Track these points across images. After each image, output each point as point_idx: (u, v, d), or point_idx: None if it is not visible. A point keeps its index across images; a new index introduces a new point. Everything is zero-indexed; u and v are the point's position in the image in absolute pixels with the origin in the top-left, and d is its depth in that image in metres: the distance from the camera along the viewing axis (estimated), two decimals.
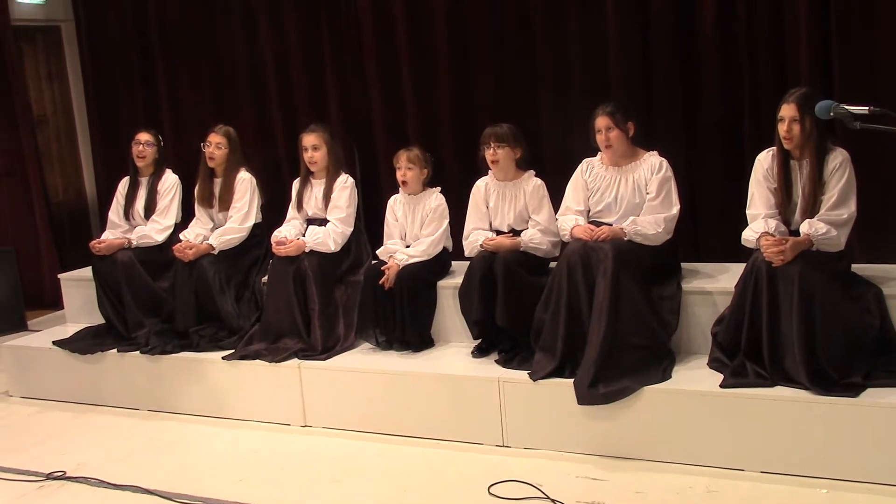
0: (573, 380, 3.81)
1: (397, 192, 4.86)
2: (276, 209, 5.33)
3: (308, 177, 5.02)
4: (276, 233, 4.95)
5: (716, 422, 3.57)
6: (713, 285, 4.12)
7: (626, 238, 4.04)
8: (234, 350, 4.74)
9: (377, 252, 4.78)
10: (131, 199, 5.42)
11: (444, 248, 4.75)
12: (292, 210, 5.06)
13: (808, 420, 3.42)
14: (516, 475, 3.66)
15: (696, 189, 4.97)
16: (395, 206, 4.84)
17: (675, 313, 4.05)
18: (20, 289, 6.62)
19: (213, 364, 4.70)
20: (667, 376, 3.81)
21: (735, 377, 3.65)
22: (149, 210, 5.37)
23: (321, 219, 4.92)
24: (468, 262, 4.44)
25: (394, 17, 5.70)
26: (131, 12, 6.85)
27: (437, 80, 5.64)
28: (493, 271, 4.24)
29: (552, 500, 3.43)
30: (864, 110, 2.89)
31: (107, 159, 7.16)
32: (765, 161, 3.90)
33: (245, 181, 5.16)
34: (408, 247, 4.69)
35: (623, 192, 4.21)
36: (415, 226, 4.75)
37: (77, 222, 7.58)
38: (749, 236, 3.80)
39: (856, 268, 3.94)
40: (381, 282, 4.49)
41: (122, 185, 5.52)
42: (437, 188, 4.79)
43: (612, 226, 4.10)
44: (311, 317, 4.68)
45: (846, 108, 2.95)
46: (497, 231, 4.52)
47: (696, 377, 3.79)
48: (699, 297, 4.10)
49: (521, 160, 4.50)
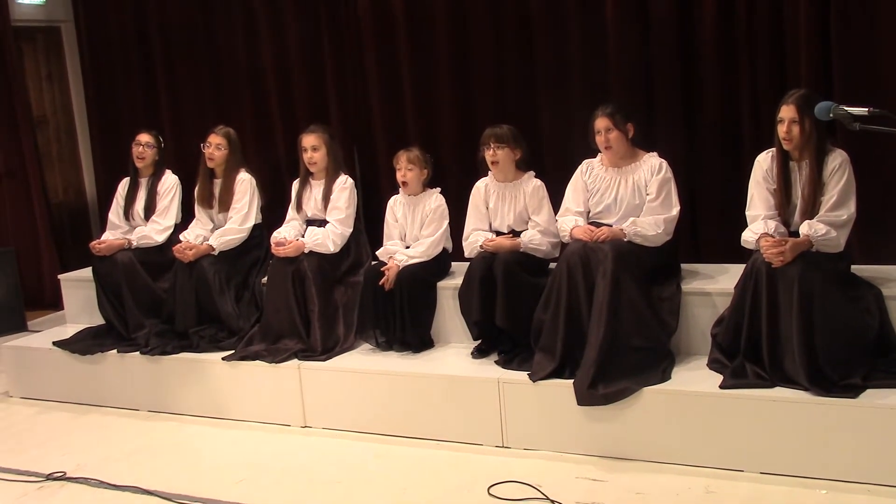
0: (573, 381, 3.81)
1: (397, 192, 4.86)
2: (275, 210, 5.33)
3: (307, 177, 5.02)
4: (276, 234, 4.94)
5: (715, 423, 3.57)
6: (713, 286, 4.13)
7: (625, 239, 4.04)
8: (233, 351, 4.74)
9: (377, 253, 4.78)
10: (131, 199, 5.43)
11: (444, 249, 4.75)
12: (292, 211, 5.06)
13: (807, 421, 3.42)
14: (516, 476, 3.66)
15: (696, 190, 4.97)
16: (395, 206, 4.84)
17: (675, 314, 4.05)
18: (20, 289, 6.62)
19: (213, 365, 4.70)
20: (666, 377, 3.81)
21: (735, 378, 3.65)
22: (148, 211, 5.37)
23: (320, 220, 4.92)
24: (468, 263, 4.44)
25: (394, 17, 5.69)
26: (131, 13, 6.84)
27: (437, 81, 5.64)
28: (493, 272, 4.24)
29: (552, 501, 3.43)
30: (863, 111, 2.89)
31: (107, 160, 7.15)
32: (764, 162, 3.90)
33: (245, 182, 5.17)
34: (407, 247, 4.69)
35: (623, 193, 4.21)
36: (414, 226, 4.75)
37: (77, 223, 7.57)
38: (749, 237, 3.80)
39: (855, 269, 3.94)
40: (381, 282, 4.49)
41: (122, 185, 5.53)
42: (437, 189, 4.79)
43: (611, 227, 4.10)
44: (310, 318, 4.67)
45: (846, 109, 2.95)
46: (497, 232, 4.52)
47: (695, 378, 3.79)
48: (699, 297, 4.10)
49: (521, 161, 4.50)
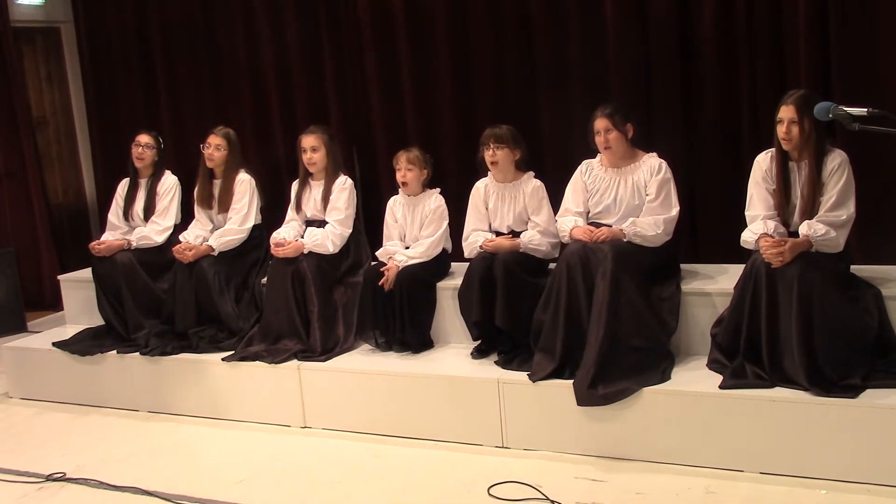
0: (572, 381, 3.81)
1: (397, 193, 4.86)
2: (275, 211, 5.33)
3: (307, 178, 5.02)
4: (275, 234, 4.94)
5: (715, 423, 3.58)
6: (712, 286, 4.13)
7: (625, 239, 4.04)
8: (233, 351, 4.74)
9: (377, 253, 4.78)
10: (131, 200, 5.43)
11: (444, 250, 4.75)
12: (291, 211, 5.06)
13: (807, 421, 3.42)
14: (516, 476, 3.66)
15: (696, 190, 4.97)
16: (395, 207, 4.84)
17: (675, 314, 4.05)
18: (20, 290, 6.61)
19: (212, 365, 4.70)
20: (666, 377, 3.81)
21: (734, 378, 3.65)
22: (148, 211, 5.37)
23: (320, 220, 4.92)
24: (468, 264, 4.44)
25: (394, 17, 5.69)
26: (131, 13, 6.83)
27: (436, 81, 5.63)
28: (493, 272, 4.24)
29: (551, 501, 3.43)
30: (862, 112, 2.89)
31: (106, 161, 7.14)
32: (763, 162, 3.90)
33: (244, 182, 5.17)
34: (407, 248, 4.69)
35: (622, 193, 4.21)
36: (414, 227, 4.75)
37: (77, 224, 7.57)
38: (748, 237, 3.80)
39: (855, 269, 3.94)
40: (381, 283, 4.49)
41: (122, 186, 5.53)
42: (437, 189, 4.79)
43: (611, 227, 4.10)
44: (310, 318, 4.67)
45: (845, 109, 2.94)
46: (496, 232, 4.52)
47: (695, 378, 3.79)
48: (698, 298, 4.10)
49: (521, 161, 4.50)
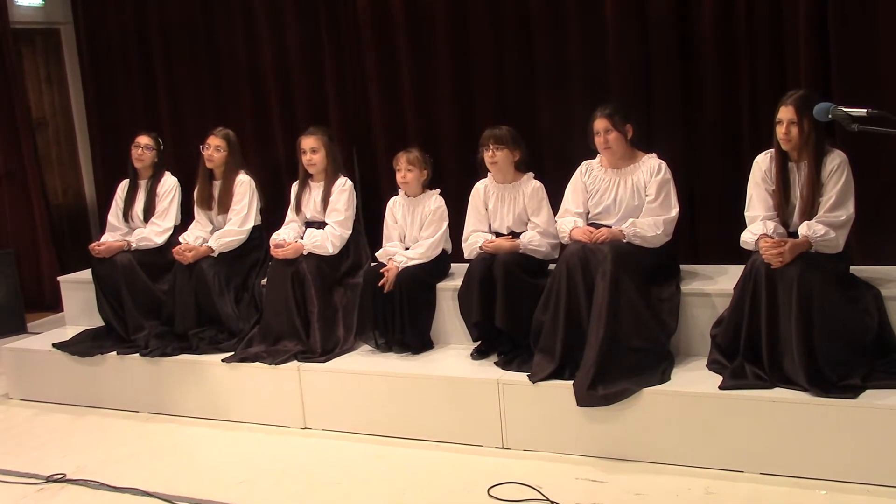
0: (572, 382, 3.81)
1: (396, 193, 4.86)
2: (275, 212, 5.33)
3: (307, 180, 5.02)
4: (275, 235, 4.94)
5: (715, 423, 3.58)
6: (712, 287, 4.13)
7: (625, 240, 4.04)
8: (233, 352, 4.74)
9: (376, 254, 4.78)
10: (130, 201, 5.43)
11: (444, 251, 4.75)
12: (291, 213, 5.06)
13: (806, 422, 3.42)
14: (516, 477, 3.66)
15: (695, 191, 4.97)
16: (395, 208, 4.84)
17: (674, 315, 4.05)
18: (20, 291, 6.61)
19: (212, 366, 4.70)
20: (666, 378, 3.81)
21: (734, 379, 3.65)
22: (148, 212, 5.37)
23: (320, 221, 4.92)
24: (467, 265, 4.44)
25: (393, 17, 5.69)
26: (131, 15, 6.84)
27: (436, 81, 5.63)
28: (493, 273, 4.24)
29: (551, 502, 3.43)
30: (862, 112, 2.89)
31: (106, 162, 7.15)
32: (763, 163, 3.90)
33: (244, 184, 5.17)
34: (407, 249, 4.69)
35: (622, 194, 4.21)
36: (414, 228, 4.75)
37: (76, 225, 7.58)
38: (748, 238, 3.80)
39: (854, 269, 3.94)
40: (381, 284, 4.50)
41: (122, 187, 5.53)
42: (437, 190, 4.79)
43: (611, 228, 4.10)
44: (310, 319, 4.67)
45: (844, 110, 2.94)
46: (496, 233, 4.52)
47: (695, 379, 3.80)
48: (698, 298, 4.10)
49: (520, 162, 4.50)
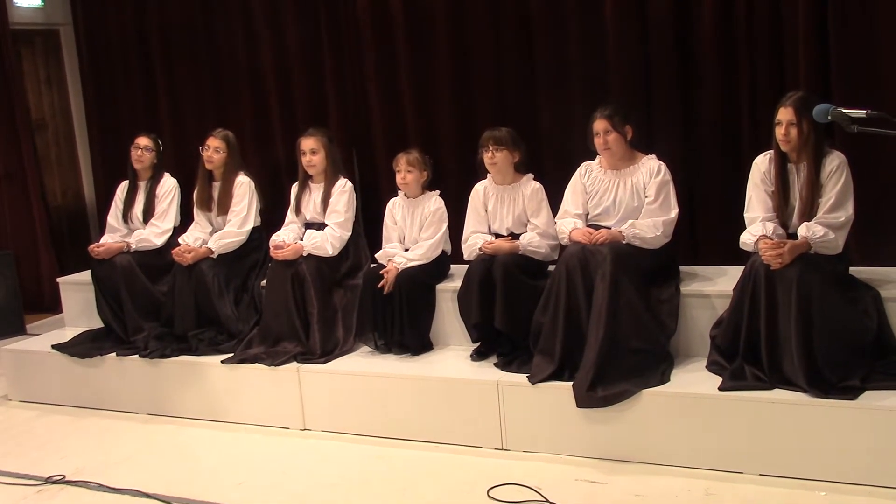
0: (572, 383, 3.81)
1: (396, 195, 4.86)
2: (274, 213, 5.33)
3: (306, 181, 5.02)
4: (275, 237, 4.94)
5: (714, 424, 3.58)
6: (711, 288, 4.13)
7: (624, 241, 4.04)
8: (233, 354, 4.74)
9: (376, 255, 4.78)
10: (130, 202, 5.43)
11: (443, 252, 4.75)
12: (291, 214, 5.05)
13: (806, 423, 3.42)
14: (515, 478, 3.65)
15: (695, 191, 4.98)
16: (395, 209, 4.84)
17: (674, 316, 4.05)
18: (19, 292, 6.61)
19: (212, 368, 4.70)
20: (665, 379, 3.81)
21: (733, 380, 3.65)
22: (147, 214, 5.37)
23: (319, 223, 4.92)
24: (467, 266, 4.44)
25: (393, 17, 5.69)
26: (130, 15, 6.84)
27: (436, 81, 5.63)
28: (492, 275, 4.24)
29: (551, 503, 3.44)
30: (861, 114, 2.89)
31: (106, 163, 7.15)
32: (762, 164, 3.91)
33: (244, 185, 5.17)
34: (407, 250, 4.69)
35: (621, 195, 4.21)
36: (414, 229, 4.75)
37: (76, 226, 7.57)
38: (747, 239, 3.80)
39: (854, 270, 3.94)
40: (380, 285, 4.50)
41: (121, 189, 5.53)
42: (437, 191, 4.79)
43: (610, 229, 4.10)
44: (309, 320, 4.67)
45: (843, 111, 2.95)
46: (496, 234, 4.52)
47: (694, 380, 3.80)
48: (697, 300, 4.10)
49: (520, 163, 4.50)
